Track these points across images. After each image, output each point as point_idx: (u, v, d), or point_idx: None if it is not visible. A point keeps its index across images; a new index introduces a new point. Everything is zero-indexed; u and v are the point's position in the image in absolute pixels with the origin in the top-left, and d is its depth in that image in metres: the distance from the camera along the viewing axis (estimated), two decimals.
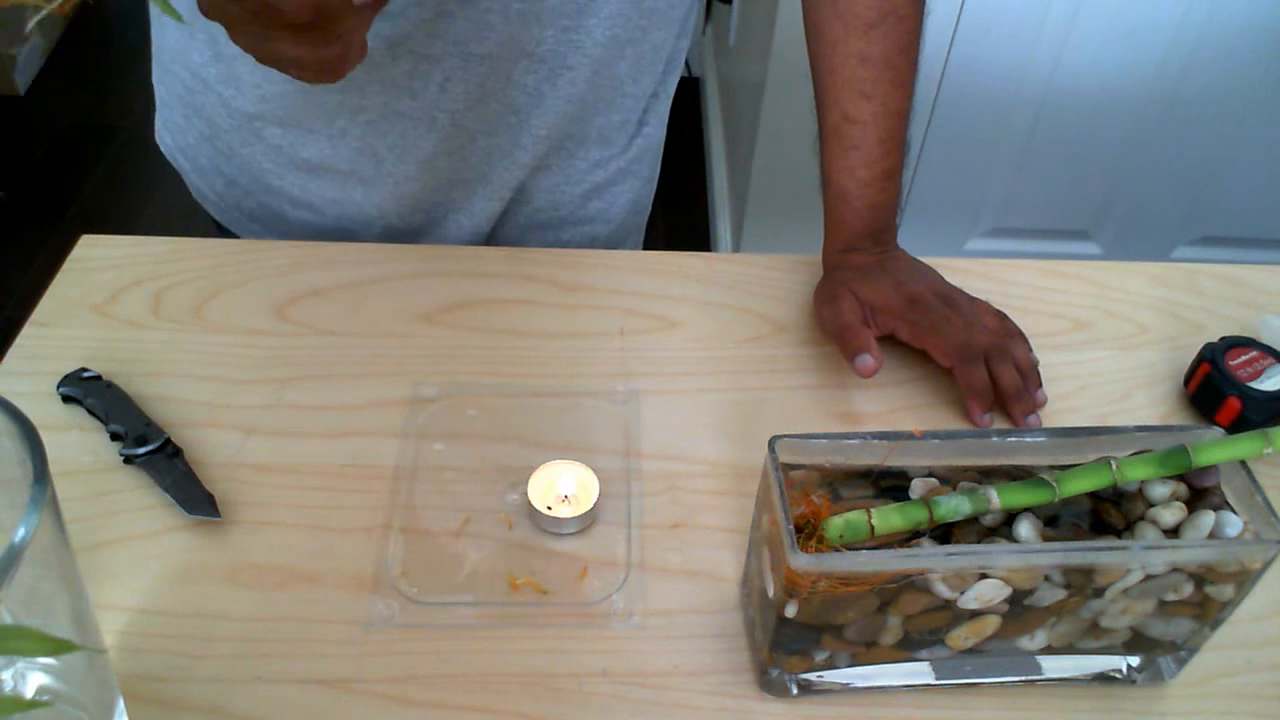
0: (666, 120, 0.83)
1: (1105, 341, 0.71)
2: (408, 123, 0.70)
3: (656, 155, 0.85)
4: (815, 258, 0.73)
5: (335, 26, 0.45)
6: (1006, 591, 0.45)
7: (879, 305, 0.66)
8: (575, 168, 0.79)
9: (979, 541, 0.46)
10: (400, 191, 0.75)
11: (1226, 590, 0.46)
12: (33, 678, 0.39)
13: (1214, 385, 0.64)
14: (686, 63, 0.80)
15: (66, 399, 0.61)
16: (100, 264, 0.71)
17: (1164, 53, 1.49)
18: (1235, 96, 1.54)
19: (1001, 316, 0.68)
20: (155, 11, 0.74)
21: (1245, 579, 0.46)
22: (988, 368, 0.63)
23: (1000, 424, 0.64)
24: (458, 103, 0.68)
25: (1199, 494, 0.47)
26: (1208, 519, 0.45)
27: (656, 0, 0.70)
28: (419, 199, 0.76)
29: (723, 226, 1.96)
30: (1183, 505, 0.46)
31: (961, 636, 0.47)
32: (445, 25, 0.64)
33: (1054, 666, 0.51)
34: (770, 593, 0.46)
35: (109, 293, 0.69)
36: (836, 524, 0.44)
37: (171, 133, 0.80)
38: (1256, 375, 0.64)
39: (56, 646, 0.37)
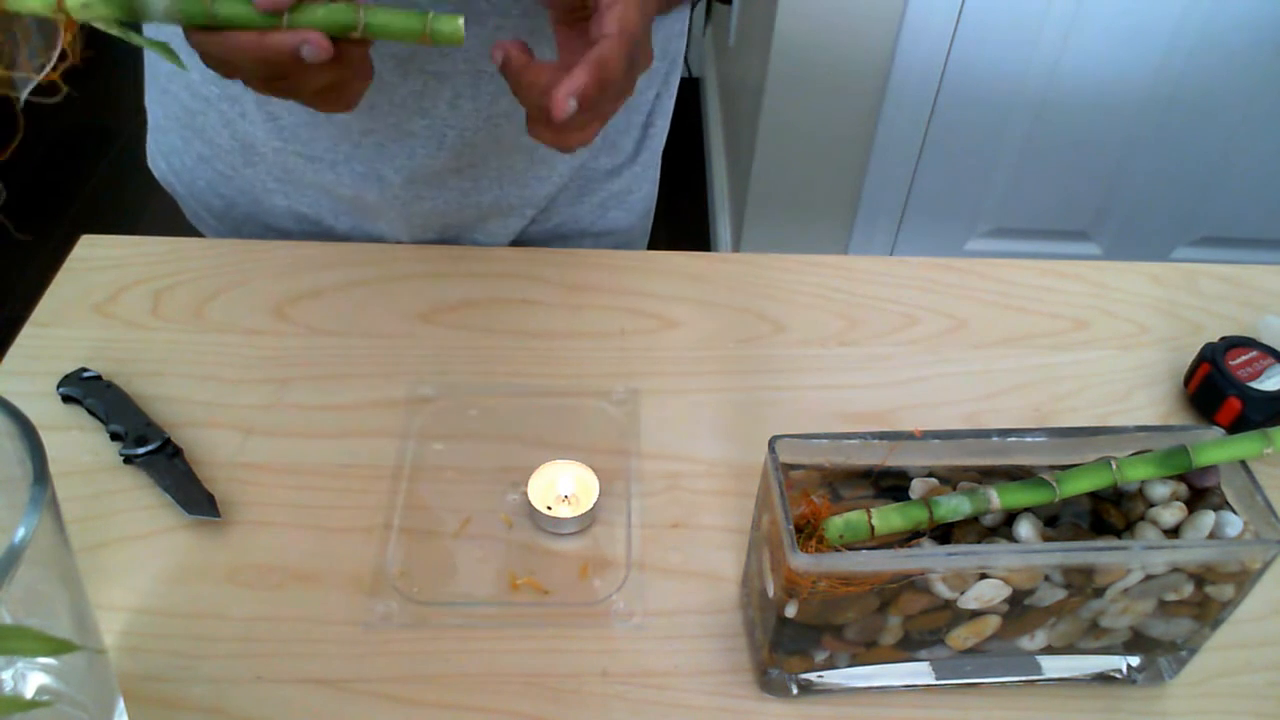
0: (670, 118, 0.83)
1: (1105, 341, 0.71)
2: (417, 141, 0.69)
3: (660, 153, 0.85)
4: (815, 258, 0.73)
5: (302, 75, 0.45)
6: (1006, 591, 0.45)
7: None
8: (586, 177, 0.79)
9: (979, 541, 0.46)
10: (409, 211, 0.74)
11: (1226, 590, 0.46)
12: (33, 678, 0.39)
13: (1214, 385, 0.64)
14: (686, 63, 0.80)
15: (66, 399, 0.61)
16: (100, 264, 0.71)
17: (1164, 53, 1.49)
18: (1235, 96, 1.54)
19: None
20: (149, 31, 0.74)
21: (1245, 579, 0.46)
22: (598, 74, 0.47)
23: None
24: (467, 120, 0.68)
25: (1199, 494, 0.47)
26: (1208, 519, 0.45)
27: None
28: (428, 222, 0.75)
29: (723, 226, 1.96)
30: (1183, 505, 0.46)
31: (961, 636, 0.47)
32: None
33: (1054, 666, 0.51)
34: (770, 593, 0.46)
35: (109, 293, 0.69)
36: (836, 524, 0.44)
37: (166, 157, 0.79)
38: (1256, 375, 0.64)
39: (56, 646, 0.37)
